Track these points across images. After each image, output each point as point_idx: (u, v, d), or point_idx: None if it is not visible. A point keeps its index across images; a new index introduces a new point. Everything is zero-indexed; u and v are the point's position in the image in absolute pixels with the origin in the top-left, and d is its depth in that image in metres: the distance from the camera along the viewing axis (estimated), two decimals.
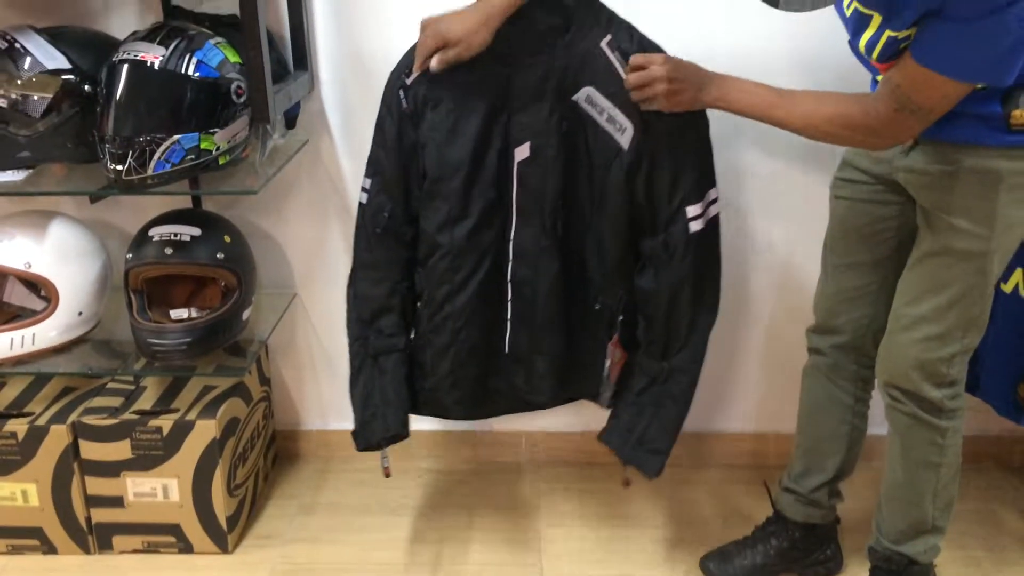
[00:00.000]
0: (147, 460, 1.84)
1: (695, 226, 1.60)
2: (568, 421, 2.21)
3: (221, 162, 1.65)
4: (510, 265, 1.68)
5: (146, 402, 1.89)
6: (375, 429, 1.72)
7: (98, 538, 1.91)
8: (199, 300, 1.87)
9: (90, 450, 1.84)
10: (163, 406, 1.87)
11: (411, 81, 1.59)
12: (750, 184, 1.99)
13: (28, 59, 1.60)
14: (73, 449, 1.83)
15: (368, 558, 1.93)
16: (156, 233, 1.76)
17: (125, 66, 1.55)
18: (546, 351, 1.73)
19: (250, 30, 1.57)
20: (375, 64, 1.88)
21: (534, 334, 1.72)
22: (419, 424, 2.15)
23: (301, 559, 1.93)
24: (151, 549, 1.92)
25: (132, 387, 1.95)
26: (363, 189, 1.68)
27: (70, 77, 1.62)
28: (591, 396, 1.81)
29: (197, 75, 1.57)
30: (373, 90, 1.68)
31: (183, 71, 1.57)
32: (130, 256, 1.77)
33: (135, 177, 1.55)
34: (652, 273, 1.64)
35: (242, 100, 1.64)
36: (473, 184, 1.62)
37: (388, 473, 1.77)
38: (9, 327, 1.77)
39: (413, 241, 1.69)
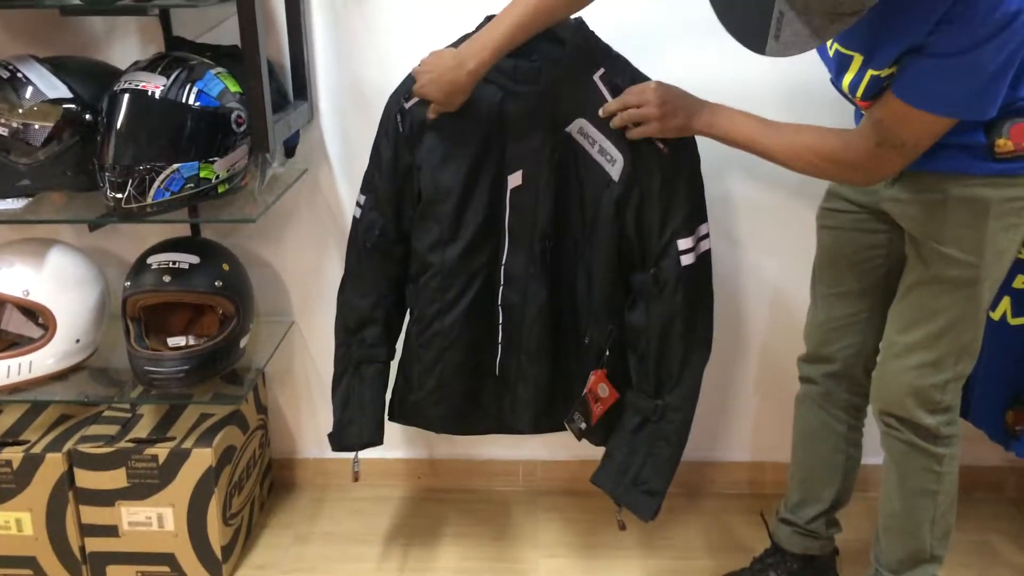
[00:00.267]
0: (142, 489, 1.83)
1: (686, 260, 1.60)
2: (563, 450, 2.20)
3: (220, 190, 1.66)
4: (501, 289, 1.70)
5: (142, 430, 1.88)
6: (350, 434, 1.81)
7: (92, 568, 1.89)
8: (197, 328, 1.87)
9: (85, 479, 1.83)
10: (159, 434, 1.86)
11: (409, 106, 1.63)
12: (742, 214, 2.00)
13: (30, 88, 1.62)
14: (68, 477, 1.82)
15: None
16: (154, 261, 1.77)
17: (126, 95, 1.56)
18: (529, 379, 1.74)
19: (251, 60, 1.58)
20: (374, 94, 1.90)
21: (520, 360, 1.73)
22: (415, 451, 2.15)
23: None
24: None
25: (128, 415, 1.94)
26: (357, 204, 1.74)
27: (71, 106, 1.63)
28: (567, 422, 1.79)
29: (198, 104, 1.59)
30: (372, 120, 1.70)
31: (184, 100, 1.58)
32: (128, 284, 1.77)
33: (134, 205, 1.56)
34: (643, 308, 1.64)
35: (242, 129, 1.65)
36: (465, 208, 1.64)
37: (357, 478, 1.86)
38: (6, 355, 1.77)
39: (403, 258, 1.74)
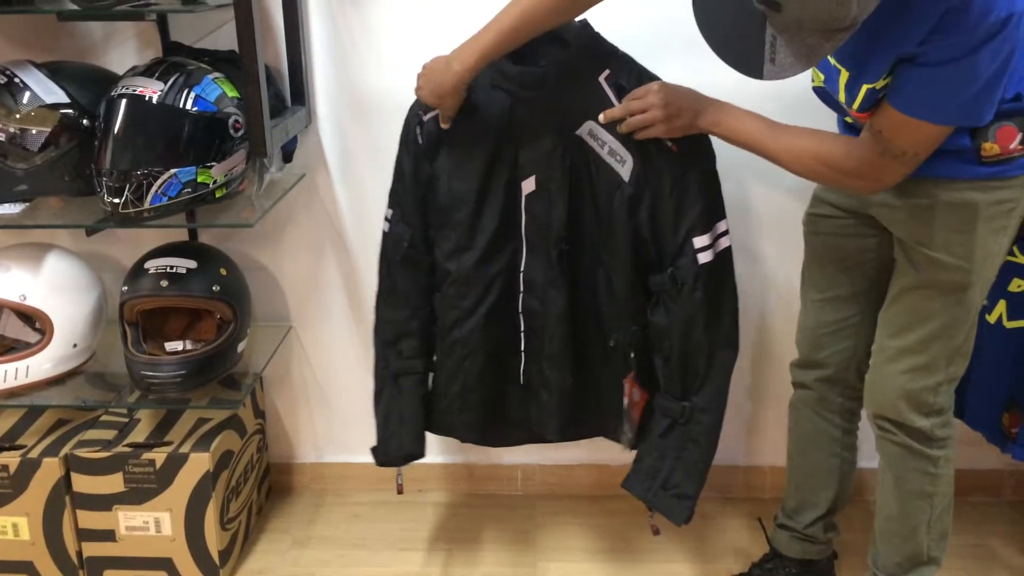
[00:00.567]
0: (140, 493, 1.83)
1: (703, 257, 1.60)
2: (564, 454, 2.20)
3: (218, 195, 1.66)
4: (521, 296, 1.71)
5: (139, 435, 1.88)
6: (392, 447, 1.80)
7: (89, 572, 1.89)
8: (194, 333, 1.87)
9: (82, 483, 1.83)
10: (156, 439, 1.86)
11: (427, 118, 1.66)
12: (731, 216, 1.98)
13: (27, 93, 1.62)
14: (65, 482, 1.82)
15: None
16: (152, 266, 1.77)
17: (123, 100, 1.57)
18: (553, 386, 1.73)
19: (248, 65, 1.59)
20: (372, 99, 1.91)
21: (543, 367, 1.73)
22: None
23: None
24: None
25: (126, 420, 1.94)
26: (385, 219, 1.75)
27: (69, 111, 1.64)
28: (611, 435, 1.80)
29: (195, 109, 1.59)
30: (370, 125, 1.71)
31: (181, 105, 1.58)
32: (126, 288, 1.77)
33: (132, 210, 1.57)
34: (664, 308, 1.64)
35: (240, 134, 1.65)
36: (480, 215, 1.66)
37: (401, 490, 1.85)
38: (3, 359, 1.77)
39: (433, 268, 1.74)
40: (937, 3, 1.18)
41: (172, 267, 1.76)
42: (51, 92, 1.64)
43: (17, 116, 1.61)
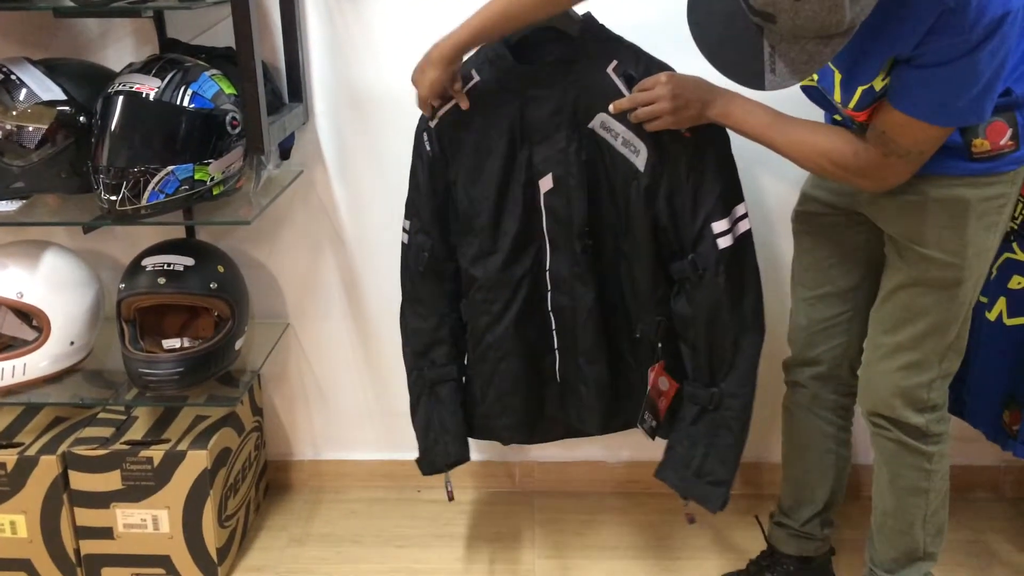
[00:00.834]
0: (137, 491, 1.83)
1: (723, 242, 1.58)
2: (562, 452, 2.21)
3: (215, 192, 1.66)
4: (549, 294, 1.71)
5: (137, 432, 1.88)
6: (437, 454, 1.82)
7: (87, 570, 1.89)
8: (192, 330, 1.87)
9: (80, 481, 1.83)
10: (154, 436, 1.86)
11: (434, 124, 1.65)
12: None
13: (24, 90, 1.62)
14: (63, 480, 1.82)
15: None
16: (149, 263, 1.77)
17: (120, 97, 1.56)
18: (589, 380, 1.74)
19: (245, 62, 1.59)
20: (369, 96, 1.91)
21: (579, 363, 1.74)
22: (412, 453, 2.14)
23: None
24: None
25: (123, 417, 1.94)
26: (404, 230, 1.75)
27: (65, 108, 1.63)
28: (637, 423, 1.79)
29: (192, 106, 1.59)
30: (367, 122, 1.70)
31: (178, 102, 1.58)
32: (123, 286, 1.77)
33: (129, 208, 1.56)
34: (686, 296, 1.63)
35: (237, 131, 1.65)
36: (501, 219, 1.66)
37: (451, 496, 1.86)
38: (0, 357, 1.77)
39: (455, 275, 1.76)
40: (933, 4, 1.18)
41: (169, 264, 1.76)
42: (48, 89, 1.64)
43: (14, 113, 1.61)
